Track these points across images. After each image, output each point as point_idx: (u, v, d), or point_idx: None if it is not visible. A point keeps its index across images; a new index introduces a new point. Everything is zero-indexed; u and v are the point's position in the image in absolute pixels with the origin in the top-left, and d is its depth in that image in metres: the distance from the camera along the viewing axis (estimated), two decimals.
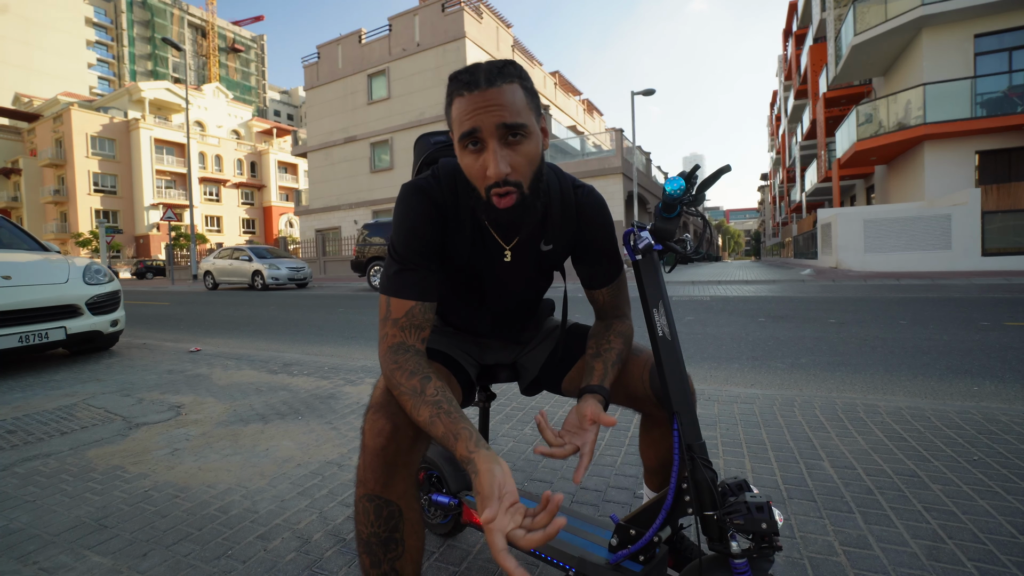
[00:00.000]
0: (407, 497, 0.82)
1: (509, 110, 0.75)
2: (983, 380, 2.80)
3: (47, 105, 46.86)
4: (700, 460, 0.78)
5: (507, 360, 1.13)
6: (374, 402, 0.84)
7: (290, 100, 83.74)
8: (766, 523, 0.71)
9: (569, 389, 1.06)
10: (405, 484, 0.81)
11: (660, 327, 0.83)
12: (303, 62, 25.57)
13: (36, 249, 4.31)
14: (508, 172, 0.76)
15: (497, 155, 0.76)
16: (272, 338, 5.29)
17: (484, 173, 0.77)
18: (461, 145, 0.78)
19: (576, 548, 0.93)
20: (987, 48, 12.74)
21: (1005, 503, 1.38)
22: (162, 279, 27.62)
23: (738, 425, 2.06)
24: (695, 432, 0.80)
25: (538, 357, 1.10)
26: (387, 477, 0.79)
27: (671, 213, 0.82)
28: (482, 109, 0.75)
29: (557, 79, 31.27)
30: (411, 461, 0.81)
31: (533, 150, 0.79)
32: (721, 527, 0.75)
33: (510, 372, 1.13)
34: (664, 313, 0.84)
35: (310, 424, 2.23)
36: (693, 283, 11.71)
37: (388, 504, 0.80)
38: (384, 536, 0.81)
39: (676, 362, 0.82)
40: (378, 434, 0.79)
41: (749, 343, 4.12)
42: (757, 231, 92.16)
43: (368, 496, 0.80)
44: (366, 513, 0.81)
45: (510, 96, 0.76)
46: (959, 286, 8.49)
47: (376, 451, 0.79)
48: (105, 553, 1.28)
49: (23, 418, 2.44)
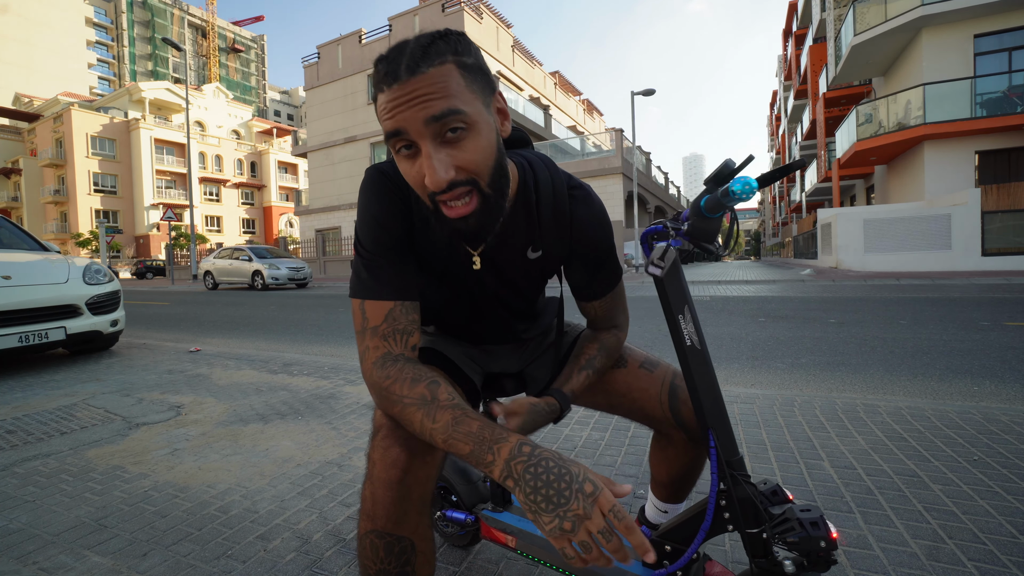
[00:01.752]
0: (421, 528, 0.73)
1: (437, 99, 0.60)
2: (983, 380, 2.80)
3: (47, 105, 46.87)
4: (740, 476, 0.73)
5: (514, 368, 1.01)
6: (382, 423, 0.74)
7: (290, 100, 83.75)
8: (824, 540, 0.66)
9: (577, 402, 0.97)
10: (420, 517, 0.73)
11: (688, 336, 0.76)
12: (303, 62, 25.57)
13: (36, 249, 4.31)
14: (452, 176, 0.62)
15: (433, 160, 0.61)
16: (272, 338, 5.29)
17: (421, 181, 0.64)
18: (394, 150, 0.65)
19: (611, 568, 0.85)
20: (987, 48, 12.75)
21: (1005, 503, 1.38)
22: (162, 279, 27.63)
23: (738, 425, 2.06)
24: (732, 447, 0.74)
25: (547, 364, 0.99)
26: (401, 514, 0.70)
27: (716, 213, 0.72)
28: (405, 104, 0.60)
29: (557, 79, 31.29)
30: (428, 492, 0.73)
31: (483, 142, 0.64)
32: (767, 544, 0.70)
33: (517, 383, 1.02)
34: (691, 320, 0.76)
35: (310, 424, 2.23)
36: (693, 283, 11.71)
37: (400, 540, 0.71)
38: (395, 572, 0.73)
39: (707, 373, 0.75)
40: (392, 465, 0.69)
41: (749, 343, 4.12)
42: (757, 231, 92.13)
43: (377, 533, 0.71)
44: (374, 549, 0.72)
45: (440, 82, 0.60)
46: (959, 286, 8.49)
47: (389, 484, 0.69)
48: (105, 553, 1.28)
49: (23, 418, 2.44)
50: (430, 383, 0.69)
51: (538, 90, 27.63)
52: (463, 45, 0.64)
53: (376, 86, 0.64)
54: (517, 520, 1.03)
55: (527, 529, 0.99)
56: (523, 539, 0.98)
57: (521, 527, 1.00)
